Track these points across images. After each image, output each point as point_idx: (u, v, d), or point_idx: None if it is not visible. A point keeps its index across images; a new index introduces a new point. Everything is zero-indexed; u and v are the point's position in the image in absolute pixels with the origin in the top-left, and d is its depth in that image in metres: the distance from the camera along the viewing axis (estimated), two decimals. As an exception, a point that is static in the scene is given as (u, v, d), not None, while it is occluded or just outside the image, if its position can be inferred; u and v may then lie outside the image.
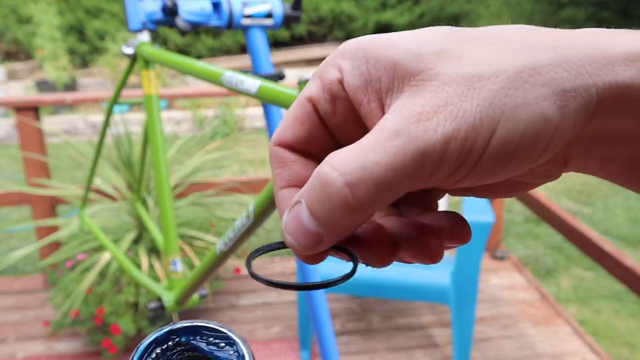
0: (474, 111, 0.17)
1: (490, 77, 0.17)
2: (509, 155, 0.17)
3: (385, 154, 0.17)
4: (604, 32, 0.18)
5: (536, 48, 0.18)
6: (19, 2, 6.81)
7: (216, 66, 0.83)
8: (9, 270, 2.48)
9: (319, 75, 0.20)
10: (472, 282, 1.63)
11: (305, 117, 0.20)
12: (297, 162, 0.21)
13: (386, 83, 0.18)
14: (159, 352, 0.20)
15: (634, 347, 2.09)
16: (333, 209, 0.17)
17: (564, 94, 0.17)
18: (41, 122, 2.19)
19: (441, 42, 0.18)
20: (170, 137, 4.82)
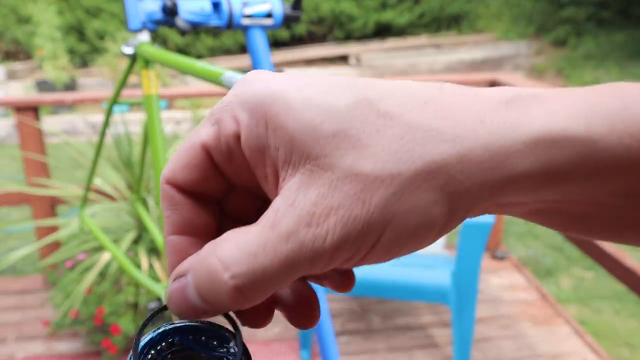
0: (364, 217, 0.17)
1: (385, 180, 0.17)
2: (396, 250, 0.18)
3: (275, 259, 0.17)
4: (512, 107, 0.18)
5: (438, 142, 0.17)
6: (19, 2, 6.81)
7: (216, 66, 0.83)
8: (9, 270, 2.48)
9: (215, 121, 0.19)
10: (472, 282, 1.63)
11: (198, 162, 0.20)
12: (188, 205, 0.20)
13: (283, 155, 0.18)
14: (153, 353, 0.20)
15: (634, 347, 2.09)
16: (221, 299, 0.18)
17: (456, 196, 0.18)
18: (41, 122, 2.19)
19: (341, 119, 0.18)
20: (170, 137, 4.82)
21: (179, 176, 0.20)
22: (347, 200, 0.17)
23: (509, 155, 0.17)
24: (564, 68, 6.72)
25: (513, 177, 0.18)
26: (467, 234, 1.58)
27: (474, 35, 7.47)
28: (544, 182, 0.18)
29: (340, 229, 0.17)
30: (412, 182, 0.17)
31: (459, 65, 6.88)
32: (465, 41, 7.31)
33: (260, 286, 0.17)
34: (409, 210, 0.17)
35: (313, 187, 0.17)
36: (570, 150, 0.17)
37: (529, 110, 0.18)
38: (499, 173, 0.17)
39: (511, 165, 0.17)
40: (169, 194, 0.20)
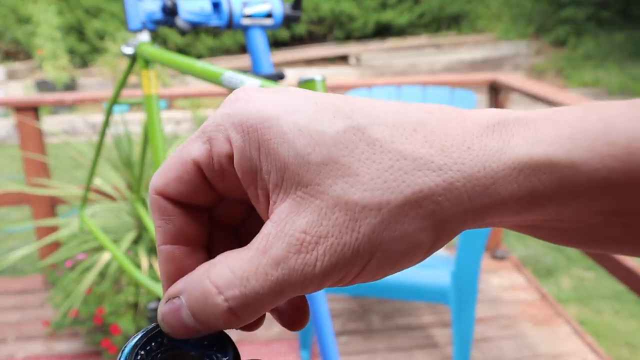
0: (352, 245, 0.18)
1: (373, 209, 0.18)
2: (381, 273, 0.19)
3: (266, 284, 0.18)
4: (497, 134, 0.19)
5: (424, 171, 0.18)
6: (19, 1, 6.81)
7: (216, 66, 0.83)
8: (9, 270, 2.48)
9: (207, 140, 0.20)
10: (472, 282, 1.63)
11: (189, 177, 0.20)
12: (179, 216, 0.21)
13: (275, 179, 0.19)
14: (142, 353, 0.20)
15: (634, 347, 2.09)
16: (214, 320, 0.18)
17: (443, 223, 0.19)
18: (41, 122, 2.19)
19: (331, 148, 0.18)
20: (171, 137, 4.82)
21: (169, 188, 0.20)
22: (336, 229, 0.18)
23: (494, 182, 0.18)
24: (563, 68, 6.72)
25: (497, 202, 0.18)
26: (467, 234, 1.58)
27: (474, 35, 7.47)
28: (527, 206, 0.19)
29: (329, 256, 0.18)
30: (400, 210, 0.18)
31: (459, 65, 6.88)
32: (465, 41, 7.31)
33: (252, 308, 0.18)
34: (396, 238, 0.18)
35: (303, 214, 0.18)
36: (552, 176, 0.18)
37: (513, 136, 0.19)
38: (484, 200, 0.18)
39: (495, 191, 0.18)
40: (160, 205, 0.20)
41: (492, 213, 0.19)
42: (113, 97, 1.25)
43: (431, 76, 3.81)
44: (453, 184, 0.18)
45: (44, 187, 2.15)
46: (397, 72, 6.70)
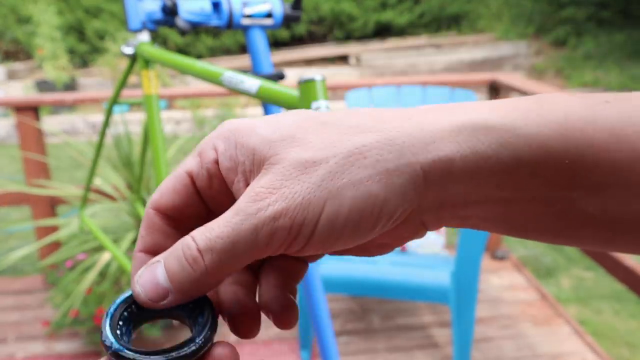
0: (302, 192, 0.20)
1: (321, 161, 0.20)
2: (340, 228, 0.20)
3: (225, 229, 0.20)
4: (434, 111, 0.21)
5: (366, 132, 0.20)
6: (19, 1, 6.81)
7: (216, 66, 0.83)
8: (9, 270, 2.48)
9: (198, 153, 0.23)
10: (472, 282, 1.63)
11: (182, 189, 0.23)
12: (162, 232, 0.23)
13: (249, 166, 0.21)
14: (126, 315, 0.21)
15: (634, 347, 2.09)
16: (186, 269, 0.20)
17: (388, 173, 0.20)
18: (41, 122, 2.19)
19: (290, 128, 0.21)
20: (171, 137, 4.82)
21: (163, 201, 0.23)
22: (289, 182, 0.20)
23: (434, 140, 0.20)
24: (563, 68, 6.72)
25: (443, 159, 0.20)
26: (466, 233, 1.58)
27: (473, 35, 7.47)
28: (475, 169, 0.20)
29: (281, 202, 0.20)
30: (346, 161, 0.20)
31: (459, 65, 6.88)
32: (465, 41, 7.31)
33: (216, 254, 0.20)
34: (344, 185, 0.20)
35: (264, 177, 0.20)
36: (491, 136, 0.19)
37: (451, 111, 0.21)
38: (427, 155, 0.20)
39: (437, 148, 0.20)
40: (150, 219, 0.23)
41: (443, 175, 0.20)
42: (113, 97, 1.25)
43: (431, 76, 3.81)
44: (393, 140, 0.20)
45: (44, 187, 2.15)
46: (397, 72, 6.70)
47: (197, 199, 0.23)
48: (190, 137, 2.33)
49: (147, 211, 0.23)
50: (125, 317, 0.21)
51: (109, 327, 0.20)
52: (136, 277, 0.21)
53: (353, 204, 0.19)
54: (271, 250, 0.20)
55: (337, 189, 0.19)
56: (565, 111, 0.20)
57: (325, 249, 0.21)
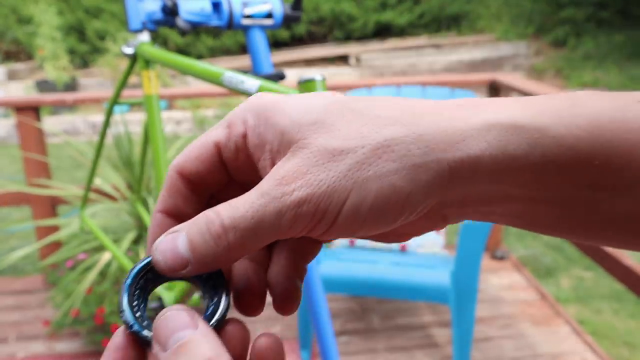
0: (328, 180, 0.20)
1: (349, 151, 0.20)
2: (362, 218, 0.20)
3: (250, 210, 0.20)
4: (465, 109, 0.21)
5: (395, 125, 0.20)
6: (19, 2, 6.81)
7: (216, 66, 0.83)
8: (9, 270, 2.49)
9: (227, 125, 0.23)
10: (472, 282, 1.63)
11: (208, 158, 0.23)
12: (182, 195, 0.23)
13: (276, 146, 0.22)
14: (142, 282, 0.22)
15: (633, 346, 2.09)
16: (208, 242, 0.20)
17: (414, 169, 0.20)
18: (41, 122, 2.20)
19: (322, 115, 0.21)
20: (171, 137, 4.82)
21: (188, 166, 0.23)
22: (315, 168, 0.20)
23: (463, 138, 0.20)
24: (563, 68, 6.72)
25: (471, 158, 0.20)
26: (466, 233, 1.58)
27: (473, 35, 7.47)
28: (502, 168, 0.20)
29: (306, 188, 0.20)
30: (374, 153, 0.20)
31: (459, 65, 6.88)
32: (465, 41, 7.31)
33: (239, 232, 0.20)
34: (370, 177, 0.20)
35: (291, 161, 0.21)
36: (521, 137, 0.19)
37: (481, 108, 0.20)
38: (455, 152, 0.20)
39: (466, 146, 0.20)
40: (173, 181, 0.23)
41: (470, 173, 0.20)
42: (113, 97, 1.25)
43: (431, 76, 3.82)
44: (422, 135, 0.20)
45: (45, 187, 2.15)
46: (397, 73, 6.71)
47: (221, 168, 0.23)
48: (190, 137, 2.33)
49: (170, 174, 0.23)
50: (142, 285, 0.22)
51: (126, 302, 0.21)
52: (155, 244, 0.21)
53: (377, 196, 0.20)
54: (293, 233, 0.21)
55: (362, 180, 0.20)
56: (596, 112, 0.19)
57: (346, 235, 0.21)
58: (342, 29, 7.30)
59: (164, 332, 0.19)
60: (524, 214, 0.21)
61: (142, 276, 0.22)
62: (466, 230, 1.58)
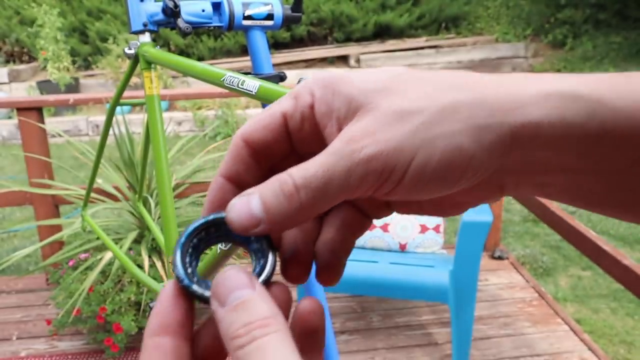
0: (396, 139, 0.21)
1: (416, 112, 0.21)
2: (428, 177, 0.21)
3: (321, 169, 0.21)
4: (524, 77, 0.22)
5: (460, 90, 0.21)
6: (22, 3, 6.83)
7: (217, 67, 0.85)
8: (12, 269, 2.50)
9: (294, 96, 0.24)
10: (471, 282, 1.64)
11: (275, 128, 0.24)
12: (244, 163, 0.24)
13: (344, 113, 0.22)
14: (195, 242, 0.23)
15: (631, 345, 2.10)
16: (281, 201, 0.21)
17: (479, 130, 0.20)
18: (44, 123, 2.21)
19: (388, 82, 0.22)
20: (172, 138, 4.83)
21: (255, 134, 0.24)
22: (384, 127, 0.21)
23: (524, 104, 0.20)
24: (561, 69, 6.73)
25: (532, 123, 0.20)
26: (465, 233, 1.60)
27: (472, 36, 7.48)
28: (560, 136, 0.20)
29: (375, 145, 0.21)
30: (440, 114, 0.21)
31: (458, 66, 6.89)
32: (463, 42, 7.32)
33: (310, 191, 0.21)
34: (437, 136, 0.20)
35: (359, 122, 0.21)
36: (580, 106, 0.20)
37: (541, 79, 0.21)
38: (517, 117, 0.20)
39: (527, 112, 0.20)
40: (238, 148, 0.24)
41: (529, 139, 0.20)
42: (115, 98, 1.27)
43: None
44: (486, 100, 0.21)
45: (47, 187, 2.16)
46: (397, 73, 6.70)
47: (286, 138, 0.24)
48: (191, 137, 2.34)
49: (236, 141, 0.24)
50: (195, 244, 0.23)
51: (179, 258, 0.22)
52: (230, 204, 0.22)
53: (443, 155, 0.20)
54: (360, 192, 0.21)
55: (429, 139, 0.20)
56: None
57: (409, 195, 0.22)
58: (342, 30, 7.31)
59: (223, 289, 0.20)
60: (576, 187, 0.22)
61: (195, 235, 0.23)
62: (465, 229, 1.59)
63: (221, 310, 0.19)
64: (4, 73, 6.37)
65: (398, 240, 1.97)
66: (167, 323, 0.21)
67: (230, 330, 0.19)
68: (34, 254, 2.37)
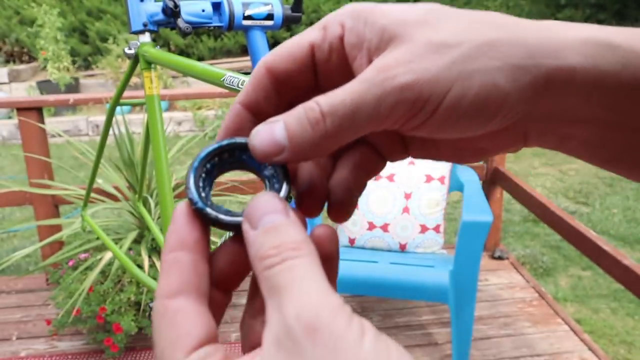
0: (433, 70, 0.20)
1: (454, 45, 0.20)
2: (461, 112, 0.20)
3: (350, 96, 0.20)
4: (562, 24, 0.21)
5: (500, 28, 0.21)
6: (22, 3, 6.83)
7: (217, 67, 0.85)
8: (12, 270, 2.50)
9: (323, 26, 0.23)
10: (471, 282, 1.64)
11: (300, 58, 0.23)
12: (265, 92, 0.23)
13: (376, 43, 0.21)
14: (209, 167, 0.23)
15: (631, 345, 2.10)
16: (307, 129, 0.20)
17: (516, 69, 0.20)
18: (44, 123, 2.21)
19: (424, 15, 0.21)
20: (172, 138, 4.83)
21: (279, 63, 0.23)
22: (420, 57, 0.20)
23: (561, 49, 0.20)
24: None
25: (567, 68, 0.20)
26: (465, 233, 1.60)
27: (474, 36, 7.49)
28: (593, 84, 0.20)
29: (410, 74, 0.20)
30: (478, 50, 0.20)
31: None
32: (465, 42, 7.33)
33: (337, 118, 0.20)
34: (474, 71, 0.20)
35: (393, 52, 0.21)
36: (615, 54, 0.20)
37: (579, 26, 0.21)
38: (553, 60, 0.20)
39: (563, 56, 0.20)
40: (260, 76, 0.23)
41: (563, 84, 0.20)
42: (115, 97, 1.27)
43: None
44: (525, 40, 0.20)
45: (47, 187, 2.16)
46: (397, 73, 6.70)
47: (311, 70, 0.23)
48: (191, 137, 2.34)
49: (259, 69, 0.23)
50: (208, 169, 0.23)
51: (193, 182, 0.22)
52: (254, 131, 0.21)
53: (479, 90, 0.20)
54: (390, 123, 0.21)
55: (467, 73, 0.20)
56: None
57: (438, 132, 0.21)
58: (342, 30, 7.32)
59: (256, 212, 0.19)
60: (598, 141, 0.22)
61: (209, 160, 0.23)
62: (465, 229, 1.59)
63: (252, 232, 0.19)
64: (4, 73, 6.37)
65: (398, 240, 1.97)
66: (184, 239, 0.21)
67: (261, 251, 0.18)
68: (34, 254, 2.37)
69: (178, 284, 0.20)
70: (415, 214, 1.96)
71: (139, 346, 1.92)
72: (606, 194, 3.70)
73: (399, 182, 1.99)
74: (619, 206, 3.50)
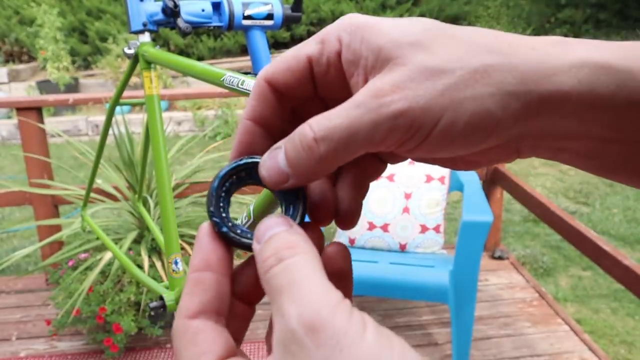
0: (426, 97, 0.20)
1: (448, 72, 0.20)
2: (452, 137, 0.21)
3: (345, 120, 0.21)
4: (558, 44, 0.21)
5: (492, 54, 0.21)
6: (22, 3, 6.83)
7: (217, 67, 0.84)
8: (12, 270, 2.50)
9: (321, 40, 0.23)
10: (471, 282, 1.64)
11: (298, 71, 0.23)
12: (269, 104, 0.24)
13: (372, 62, 0.22)
14: (227, 185, 0.24)
15: (631, 345, 2.10)
16: (302, 155, 0.21)
17: (507, 96, 0.20)
18: (43, 123, 2.21)
19: (419, 35, 0.21)
20: (172, 138, 4.83)
21: (278, 75, 0.23)
22: (414, 84, 0.20)
23: (555, 73, 0.20)
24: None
25: (561, 92, 0.20)
26: (465, 233, 1.59)
27: (473, 36, 7.48)
28: (588, 106, 0.20)
29: (404, 101, 0.20)
30: (471, 76, 0.20)
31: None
32: (465, 42, 7.32)
33: (332, 143, 0.21)
34: (467, 98, 0.20)
35: (388, 76, 0.21)
36: (610, 78, 0.20)
37: (574, 46, 0.21)
38: (547, 86, 0.20)
39: (557, 80, 0.20)
40: (262, 89, 0.24)
41: (556, 107, 0.20)
42: (115, 97, 1.27)
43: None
44: (518, 66, 0.20)
45: (47, 187, 2.16)
46: (397, 73, 6.70)
47: (310, 82, 0.24)
48: (191, 137, 2.34)
49: (259, 82, 0.24)
50: (227, 188, 0.24)
51: (214, 204, 0.23)
52: (262, 162, 0.23)
53: (471, 117, 0.20)
54: (383, 147, 0.21)
55: (459, 100, 0.20)
56: None
57: (431, 153, 0.22)
58: (342, 30, 7.32)
59: (261, 230, 0.21)
60: (595, 153, 0.22)
61: (227, 179, 0.24)
62: (465, 229, 1.59)
63: (257, 247, 0.20)
64: (4, 73, 6.37)
65: (398, 240, 1.97)
66: (208, 259, 0.22)
67: (261, 258, 0.20)
68: (34, 254, 2.37)
69: (200, 306, 0.21)
70: (415, 213, 1.96)
71: (139, 346, 1.92)
72: (606, 194, 3.70)
73: (399, 182, 1.99)
74: (619, 206, 3.50)
